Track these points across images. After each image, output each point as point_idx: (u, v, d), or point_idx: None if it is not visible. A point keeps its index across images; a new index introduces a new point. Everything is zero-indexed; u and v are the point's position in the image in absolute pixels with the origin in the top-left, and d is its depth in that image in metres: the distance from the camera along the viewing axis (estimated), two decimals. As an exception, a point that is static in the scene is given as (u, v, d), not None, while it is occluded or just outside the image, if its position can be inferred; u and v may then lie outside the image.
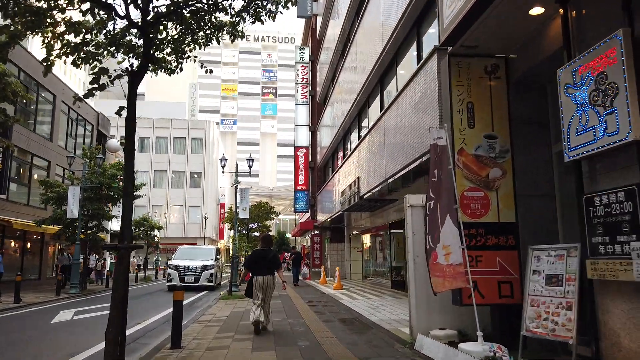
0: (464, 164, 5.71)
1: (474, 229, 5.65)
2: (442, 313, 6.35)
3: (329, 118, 23.24)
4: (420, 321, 6.37)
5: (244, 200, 18.66)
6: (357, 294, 14.47)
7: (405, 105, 9.72)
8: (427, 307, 6.40)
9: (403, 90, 9.72)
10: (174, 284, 18.39)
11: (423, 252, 6.37)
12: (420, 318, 6.38)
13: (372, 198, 14.18)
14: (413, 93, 9.18)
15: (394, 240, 17.03)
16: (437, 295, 5.82)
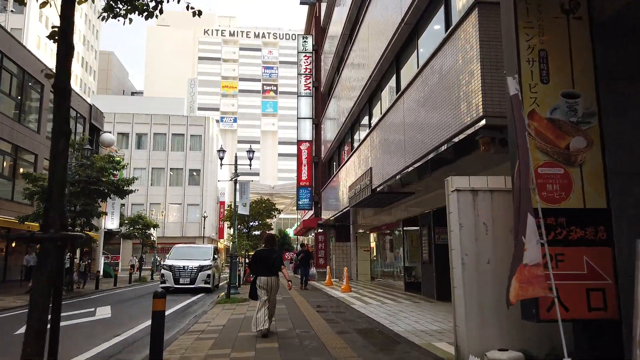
0: (537, 131, 4.29)
1: (551, 217, 4.22)
2: (498, 327, 4.90)
3: (334, 109, 21.81)
4: (471, 339, 4.90)
5: (244, 196, 17.23)
6: (369, 298, 13.04)
7: (432, 78, 8.28)
8: (481, 320, 4.95)
9: (430, 60, 8.27)
10: (167, 285, 16.98)
11: (474, 249, 4.94)
12: (471, 334, 4.92)
13: (385, 191, 12.75)
14: (443, 61, 7.74)
15: (407, 238, 15.60)
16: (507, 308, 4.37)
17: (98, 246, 28.88)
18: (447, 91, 7.57)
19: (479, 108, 6.34)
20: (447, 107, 7.55)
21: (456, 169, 9.64)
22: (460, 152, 7.94)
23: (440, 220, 12.55)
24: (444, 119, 7.66)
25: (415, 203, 14.00)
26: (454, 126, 7.23)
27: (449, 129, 7.47)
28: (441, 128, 7.82)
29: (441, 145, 7.91)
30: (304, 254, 17.66)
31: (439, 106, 7.92)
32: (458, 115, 7.09)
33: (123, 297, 15.65)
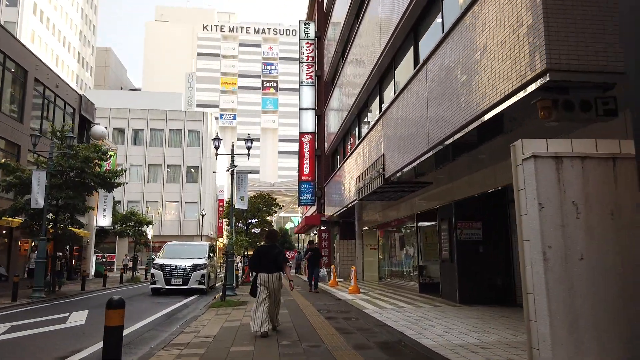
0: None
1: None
2: (596, 346, 3.43)
3: (338, 99, 20.36)
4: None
5: (242, 188, 15.76)
6: (381, 301, 11.58)
7: (470, 32, 6.81)
8: (574, 338, 3.46)
9: (469, 9, 6.80)
10: (158, 286, 15.56)
11: (559, 239, 3.48)
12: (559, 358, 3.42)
13: (400, 181, 11.29)
14: (485, 9, 6.28)
15: (421, 234, 14.16)
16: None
17: (89, 244, 27.43)
18: (491, 41, 6.10)
19: (542, 59, 4.87)
20: (490, 66, 6.09)
21: (489, 152, 8.20)
22: (503, 125, 6.48)
23: (463, 212, 11.13)
24: (486, 81, 6.20)
25: (432, 195, 12.55)
26: (501, 89, 5.76)
27: (490, 95, 6.01)
28: (481, 93, 6.37)
29: (476, 120, 6.45)
30: (312, 252, 15.39)
31: (476, 68, 6.46)
32: (508, 73, 5.62)
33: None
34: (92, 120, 27.43)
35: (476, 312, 9.11)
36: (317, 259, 15.41)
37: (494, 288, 10.89)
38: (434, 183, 11.59)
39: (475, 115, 6.47)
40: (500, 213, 11.09)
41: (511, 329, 7.09)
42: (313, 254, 15.28)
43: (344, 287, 16.06)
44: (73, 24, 69.98)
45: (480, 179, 9.94)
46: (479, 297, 10.75)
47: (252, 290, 7.10)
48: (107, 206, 28.42)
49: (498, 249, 11.02)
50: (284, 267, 7.11)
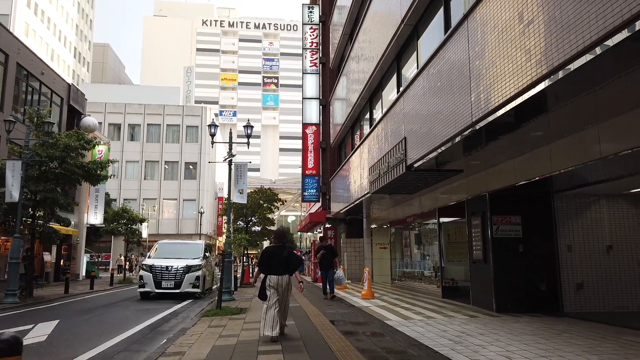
0: None
1: None
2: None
3: (345, 85, 18.73)
4: None
5: (241, 180, 14.14)
6: (402, 309, 9.95)
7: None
8: None
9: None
10: (147, 290, 13.95)
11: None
12: None
13: (425, 168, 9.65)
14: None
15: (443, 231, 12.51)
16: None
17: (79, 243, 25.81)
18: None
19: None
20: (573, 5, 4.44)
21: (549, 126, 6.55)
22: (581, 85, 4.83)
23: (500, 205, 9.50)
24: (562, 27, 4.54)
25: (459, 186, 10.91)
26: (586, 34, 4.11)
27: (571, 42, 4.37)
28: (555, 45, 4.72)
29: (543, 80, 4.81)
30: (325, 250, 12.82)
31: (551, 11, 4.80)
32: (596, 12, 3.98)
33: (88, 306, 12.57)
34: (82, 112, 25.81)
35: (526, 325, 7.47)
36: (331, 258, 12.90)
37: (536, 294, 9.27)
38: (464, 171, 9.94)
39: (550, 71, 4.81)
40: (542, 206, 9.46)
41: (594, 353, 5.45)
42: (327, 252, 12.82)
43: (355, 291, 14.42)
44: (69, 18, 68.33)
45: (525, 165, 8.30)
46: (519, 304, 9.13)
47: (261, 294, 6.81)
48: (99, 203, 26.80)
49: (541, 248, 9.39)
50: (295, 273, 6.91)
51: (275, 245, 7.08)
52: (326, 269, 12.69)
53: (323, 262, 12.75)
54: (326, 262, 12.72)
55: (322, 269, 12.78)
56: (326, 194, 22.78)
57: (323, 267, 12.76)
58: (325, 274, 12.70)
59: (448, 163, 9.43)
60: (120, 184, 46.40)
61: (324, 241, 14.01)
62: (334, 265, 13.08)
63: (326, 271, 12.69)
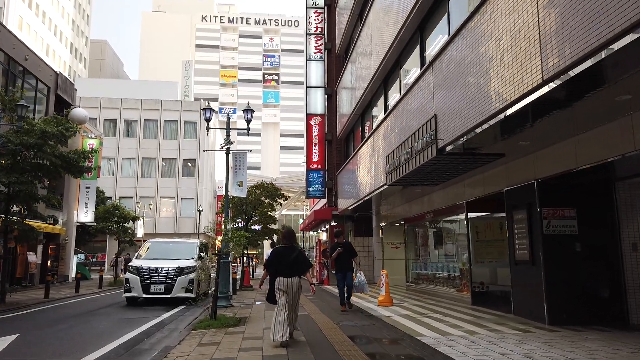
0: None
1: None
2: None
3: (354, 70, 17.14)
4: None
5: (239, 171, 12.55)
6: (431, 319, 8.34)
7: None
8: None
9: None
10: (133, 295, 12.36)
11: None
12: None
13: (460, 152, 8.06)
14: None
15: (472, 228, 10.90)
16: None
17: (68, 243, 24.20)
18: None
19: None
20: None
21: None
22: None
23: (550, 196, 7.90)
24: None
25: (494, 174, 9.31)
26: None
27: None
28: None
29: None
30: (342, 247, 10.38)
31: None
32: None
33: (65, 314, 10.96)
34: (71, 102, 24.18)
35: (602, 345, 5.86)
36: (349, 257, 10.41)
37: (595, 302, 7.67)
38: (506, 155, 8.33)
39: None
40: (601, 196, 7.86)
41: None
42: (344, 251, 10.38)
43: (369, 296, 12.80)
44: (65, 12, 66.74)
45: (593, 143, 6.70)
46: (576, 314, 7.54)
47: (270, 297, 6.64)
48: (90, 200, 25.21)
49: (600, 247, 7.80)
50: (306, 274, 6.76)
51: (284, 245, 6.83)
52: (344, 272, 10.26)
53: (340, 263, 10.32)
54: (344, 263, 10.32)
55: (339, 271, 10.34)
56: (332, 190, 21.19)
57: (340, 269, 10.32)
58: (343, 278, 10.25)
59: (488, 145, 7.84)
60: (116, 181, 44.84)
61: (341, 237, 10.87)
62: (353, 267, 10.49)
63: (343, 274, 10.25)
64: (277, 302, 6.41)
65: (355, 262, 10.54)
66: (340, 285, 10.24)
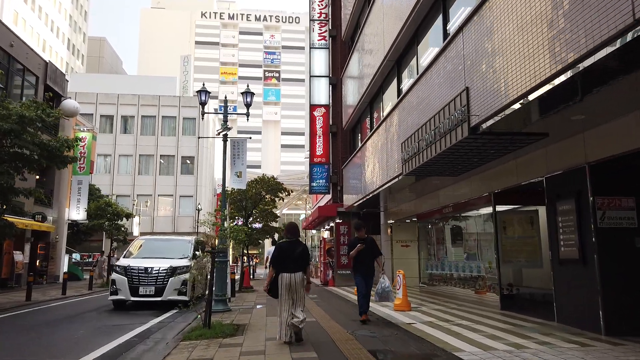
0: None
1: None
2: None
3: (362, 55, 15.94)
4: None
5: (239, 160, 11.34)
6: (461, 327, 7.13)
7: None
8: None
9: None
10: (120, 298, 11.14)
11: None
12: None
13: (499, 132, 6.84)
14: None
15: (500, 223, 9.68)
16: None
17: (58, 241, 22.99)
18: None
19: None
20: None
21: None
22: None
23: (607, 182, 6.68)
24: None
25: (533, 159, 8.09)
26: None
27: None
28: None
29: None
30: (363, 243, 8.07)
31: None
32: None
33: (41, 320, 9.75)
34: (62, 94, 22.97)
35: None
36: (371, 256, 8.09)
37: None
38: (549, 135, 7.10)
39: None
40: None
41: None
42: (366, 248, 8.00)
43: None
44: (62, 7, 65.58)
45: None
46: (638, 324, 6.30)
47: (273, 291, 6.37)
48: (82, 196, 24.02)
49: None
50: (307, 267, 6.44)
51: (288, 240, 6.54)
52: (365, 275, 7.96)
53: (360, 263, 8.01)
54: (365, 263, 8.01)
55: (358, 272, 8.02)
56: (337, 185, 19.96)
57: (359, 270, 8.01)
58: (364, 282, 7.93)
59: (528, 123, 6.62)
60: (113, 179, 43.65)
61: (361, 230, 8.33)
62: (376, 267, 8.27)
63: (365, 278, 7.94)
64: (280, 299, 6.23)
65: (379, 263, 8.30)
66: (361, 289, 8.01)
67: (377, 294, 8.26)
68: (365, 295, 7.95)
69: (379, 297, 8.26)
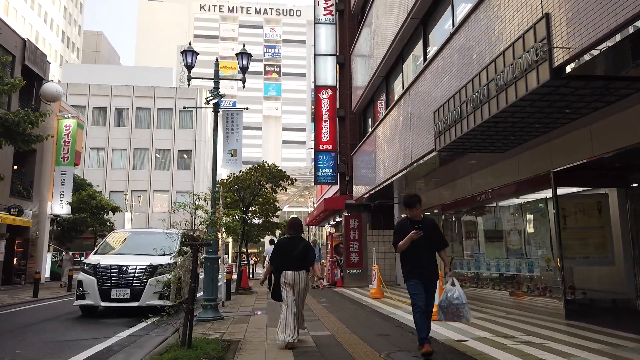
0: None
1: None
2: None
3: (375, 26, 13.95)
4: None
5: (233, 136, 9.37)
6: (532, 347, 5.14)
7: None
8: None
9: None
10: (88, 303, 9.14)
11: None
12: None
13: (597, 74, 4.86)
14: None
15: (560, 211, 7.65)
16: None
17: (39, 238, 21.01)
18: None
19: None
20: None
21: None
22: None
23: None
24: None
25: (614, 123, 6.09)
26: None
27: None
28: None
29: None
30: (420, 228, 5.02)
31: None
32: None
33: (11, 325, 7.76)
34: (42, 76, 20.99)
35: None
36: (430, 249, 5.18)
37: None
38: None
39: None
40: None
41: None
42: (425, 234, 5.06)
43: (399, 300, 9.59)
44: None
45: None
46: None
47: (275, 294, 5.98)
48: (66, 189, 22.01)
49: None
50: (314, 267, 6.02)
51: (289, 236, 6.17)
52: (426, 278, 5.05)
53: (415, 260, 5.07)
54: (424, 259, 5.07)
55: (412, 275, 5.08)
56: (345, 174, 17.97)
57: (416, 272, 5.06)
58: (424, 291, 5.00)
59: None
60: (106, 174, 41.68)
61: (415, 208, 5.28)
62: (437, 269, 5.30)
63: (426, 283, 5.04)
64: (283, 299, 5.81)
65: (444, 259, 5.26)
66: (419, 302, 4.95)
67: (442, 308, 5.11)
68: (425, 311, 4.94)
69: (445, 314, 5.12)
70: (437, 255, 5.30)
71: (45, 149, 21.41)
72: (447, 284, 5.20)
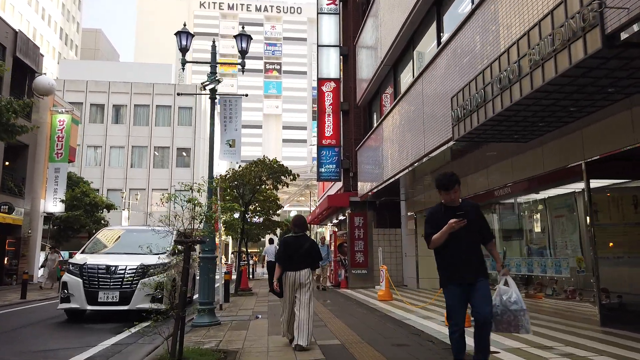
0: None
1: None
2: None
3: (381, 12, 13.22)
4: None
5: (231, 125, 8.63)
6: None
7: None
8: None
9: None
10: (74, 306, 8.41)
11: None
12: None
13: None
14: None
15: (593, 206, 6.91)
16: None
17: (31, 236, 20.28)
18: None
19: None
20: None
21: None
22: None
23: None
24: None
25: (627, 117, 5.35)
26: None
27: None
28: None
29: None
30: (462, 215, 3.69)
31: None
32: None
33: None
34: (35, 69, 20.25)
35: None
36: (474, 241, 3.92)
37: None
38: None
39: None
40: None
41: None
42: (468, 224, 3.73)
43: (410, 304, 8.85)
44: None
45: None
46: None
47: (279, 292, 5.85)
48: (59, 186, 21.27)
49: None
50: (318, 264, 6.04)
51: (294, 234, 5.92)
52: (469, 281, 3.81)
53: (455, 257, 3.84)
54: (466, 254, 3.82)
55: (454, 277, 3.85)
56: (349, 170, 17.23)
57: (456, 273, 3.84)
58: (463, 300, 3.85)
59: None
60: (104, 172, 40.96)
61: (453, 191, 3.90)
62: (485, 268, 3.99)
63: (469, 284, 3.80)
64: (285, 299, 5.71)
65: (495, 255, 4.05)
66: (456, 316, 3.89)
67: (494, 315, 3.82)
68: (483, 324, 3.76)
69: (499, 323, 3.84)
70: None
71: (38, 144, 20.70)
72: (499, 284, 3.93)
